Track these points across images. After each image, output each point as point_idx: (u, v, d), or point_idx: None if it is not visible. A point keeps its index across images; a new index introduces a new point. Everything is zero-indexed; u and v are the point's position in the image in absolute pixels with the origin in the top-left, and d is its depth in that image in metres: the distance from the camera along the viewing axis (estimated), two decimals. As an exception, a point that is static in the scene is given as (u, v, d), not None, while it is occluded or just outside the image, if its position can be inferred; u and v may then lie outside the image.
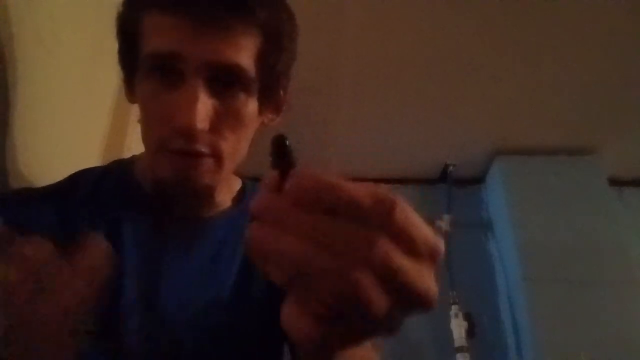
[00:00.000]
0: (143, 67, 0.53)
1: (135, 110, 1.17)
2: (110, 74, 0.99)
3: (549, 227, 2.06)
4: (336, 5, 1.58)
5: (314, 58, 1.76)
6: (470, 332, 1.89)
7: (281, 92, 0.62)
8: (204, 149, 0.52)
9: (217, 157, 0.54)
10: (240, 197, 0.68)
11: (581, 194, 2.13)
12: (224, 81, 0.52)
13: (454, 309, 1.94)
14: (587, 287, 1.93)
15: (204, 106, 0.50)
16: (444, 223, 2.22)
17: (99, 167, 0.65)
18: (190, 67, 0.50)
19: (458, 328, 1.90)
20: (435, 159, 2.34)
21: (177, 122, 0.50)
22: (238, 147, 0.56)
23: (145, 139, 0.55)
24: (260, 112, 0.58)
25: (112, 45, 0.59)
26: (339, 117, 2.09)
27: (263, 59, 0.54)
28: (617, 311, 1.88)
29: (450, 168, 2.33)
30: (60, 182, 0.60)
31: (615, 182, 2.27)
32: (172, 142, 0.51)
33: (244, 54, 0.52)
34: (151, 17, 0.52)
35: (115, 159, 0.68)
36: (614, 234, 2.04)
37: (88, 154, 1.00)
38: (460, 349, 1.86)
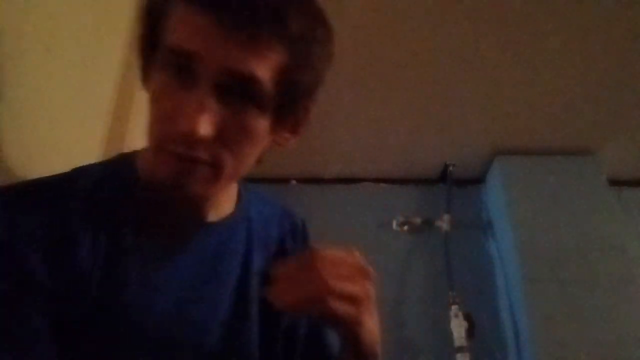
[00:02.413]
0: (161, 59, 0.51)
1: (135, 110, 1.16)
2: (110, 72, 0.99)
3: (549, 227, 2.06)
4: (336, 5, 1.58)
5: (314, 58, 1.75)
6: (470, 332, 1.89)
7: (301, 113, 0.58)
8: (203, 156, 0.50)
9: (217, 167, 0.51)
10: (238, 202, 0.67)
11: (581, 194, 2.13)
12: (238, 91, 0.49)
13: (454, 309, 1.94)
14: (587, 287, 1.93)
15: (211, 114, 0.48)
16: (444, 223, 2.22)
17: (100, 164, 0.62)
18: (205, 69, 0.48)
19: (458, 328, 1.89)
20: (435, 159, 2.33)
21: (180, 125, 0.48)
22: (242, 161, 0.53)
23: (149, 134, 0.52)
24: (274, 130, 0.55)
25: (111, 43, 0.59)
26: (338, 117, 2.09)
27: (285, 74, 0.50)
28: (616, 311, 1.88)
29: (450, 168, 2.32)
30: (58, 178, 0.57)
31: (615, 182, 2.26)
32: (173, 145, 0.49)
33: (264, 66, 0.48)
34: (177, 9, 0.49)
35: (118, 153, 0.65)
36: (613, 234, 2.04)
37: (88, 153, 1.00)
38: (460, 349, 1.86)
